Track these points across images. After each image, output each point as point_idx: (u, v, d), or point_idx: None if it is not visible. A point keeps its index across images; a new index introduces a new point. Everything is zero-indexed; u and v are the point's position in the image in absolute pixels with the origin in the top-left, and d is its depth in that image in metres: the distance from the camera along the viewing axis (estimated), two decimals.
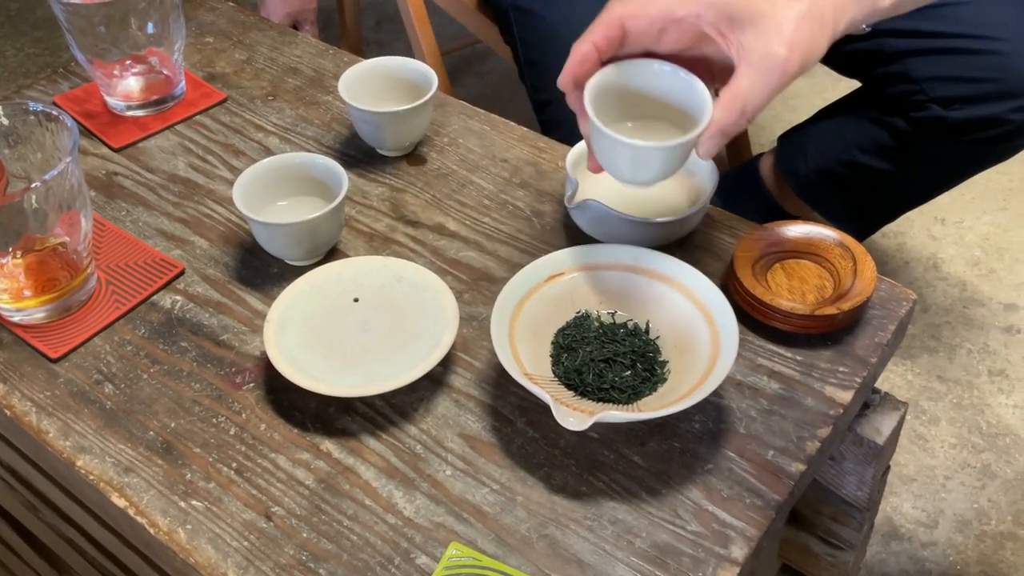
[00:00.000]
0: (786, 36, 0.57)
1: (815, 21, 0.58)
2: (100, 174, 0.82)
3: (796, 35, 0.57)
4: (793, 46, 0.57)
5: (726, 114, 0.58)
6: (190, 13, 1.00)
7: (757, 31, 0.57)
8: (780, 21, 0.57)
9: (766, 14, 0.57)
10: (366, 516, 0.58)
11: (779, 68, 0.57)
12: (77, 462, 0.61)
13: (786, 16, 0.57)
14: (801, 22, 0.57)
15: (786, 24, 0.57)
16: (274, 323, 0.64)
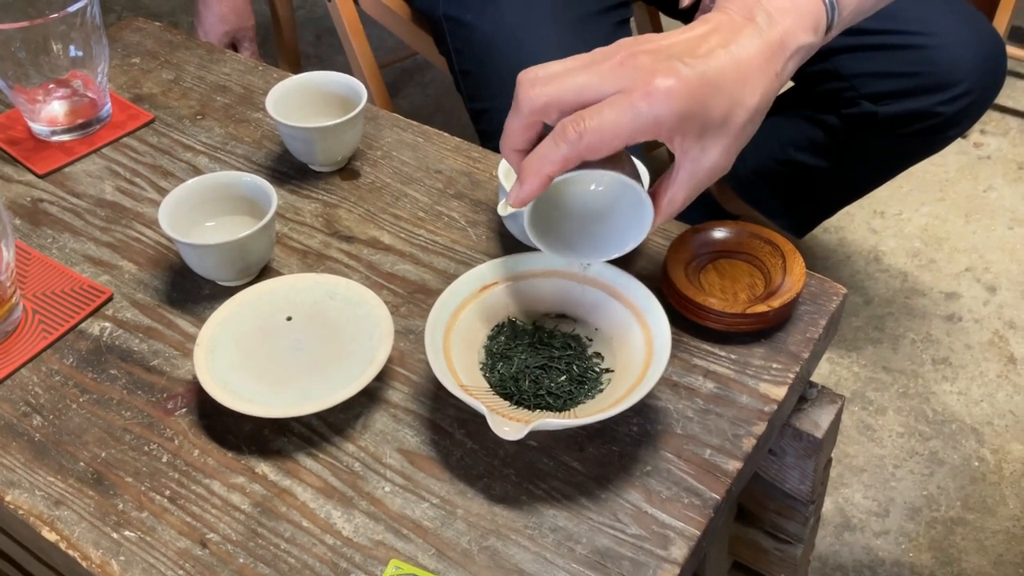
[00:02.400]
0: (728, 146, 0.55)
1: (759, 116, 0.56)
2: (25, 201, 0.80)
3: (738, 141, 0.55)
4: (732, 154, 0.56)
5: (665, 218, 0.58)
6: (115, 34, 0.99)
7: (703, 142, 0.55)
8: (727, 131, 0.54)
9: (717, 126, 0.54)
10: (303, 538, 0.57)
11: (716, 175, 0.57)
12: (6, 497, 0.60)
13: (735, 124, 0.54)
14: (745, 127, 0.55)
15: (732, 133, 0.55)
16: (204, 346, 0.63)
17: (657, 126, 0.53)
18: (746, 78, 0.54)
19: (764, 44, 0.54)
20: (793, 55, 0.55)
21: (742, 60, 0.54)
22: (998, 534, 1.19)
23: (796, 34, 0.55)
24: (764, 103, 0.55)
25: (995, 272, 1.52)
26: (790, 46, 0.55)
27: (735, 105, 0.54)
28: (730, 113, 0.54)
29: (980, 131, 1.77)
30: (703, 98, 0.53)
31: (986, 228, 1.59)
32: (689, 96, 0.52)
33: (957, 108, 1.04)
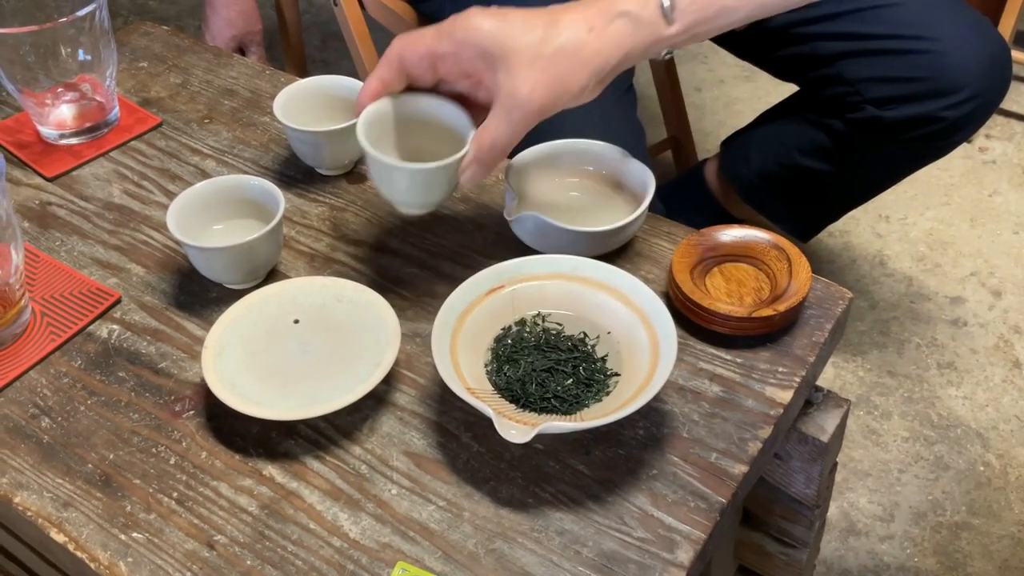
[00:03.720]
0: (530, 76, 0.60)
1: (569, 58, 0.60)
2: (34, 204, 0.81)
3: (541, 75, 0.60)
4: (536, 86, 0.60)
5: (477, 150, 0.63)
6: (123, 38, 0.99)
7: (507, 70, 0.60)
8: (528, 60, 0.60)
9: (516, 52, 0.60)
10: (311, 540, 0.57)
11: (520, 107, 0.61)
12: (15, 499, 0.60)
13: (536, 55, 0.60)
14: (551, 60, 0.60)
15: (534, 63, 0.60)
16: (212, 348, 0.63)
17: (455, 40, 0.61)
18: (555, 22, 0.60)
19: (584, 6, 0.61)
20: (617, 17, 0.61)
21: (558, 14, 0.61)
22: (1003, 539, 1.19)
23: (618, 2, 0.61)
24: (574, 48, 0.60)
25: (1000, 277, 1.51)
26: (611, 10, 0.61)
27: (536, 39, 0.60)
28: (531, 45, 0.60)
29: (985, 135, 1.77)
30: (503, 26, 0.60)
31: (991, 232, 1.59)
32: (489, 24, 0.60)
33: (962, 113, 1.05)
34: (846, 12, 1.06)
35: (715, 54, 1.98)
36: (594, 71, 0.61)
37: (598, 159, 0.77)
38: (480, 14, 0.61)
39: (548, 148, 0.76)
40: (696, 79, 1.94)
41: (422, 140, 0.67)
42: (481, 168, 0.64)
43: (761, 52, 1.17)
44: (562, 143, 0.77)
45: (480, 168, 0.64)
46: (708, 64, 1.98)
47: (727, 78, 1.94)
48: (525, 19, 0.61)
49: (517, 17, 0.61)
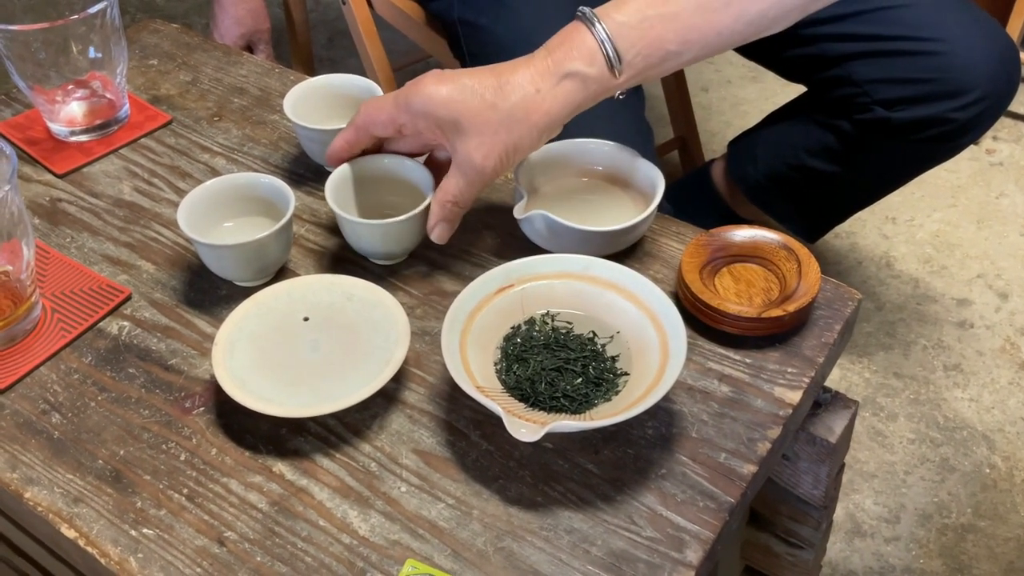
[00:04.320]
0: (483, 144, 0.65)
1: (519, 123, 0.65)
2: (44, 201, 0.81)
3: (494, 141, 0.65)
4: (489, 153, 0.65)
5: (439, 208, 0.68)
6: (133, 36, 1.00)
7: (461, 137, 0.65)
8: (480, 127, 0.65)
9: (468, 120, 0.65)
10: (320, 537, 0.57)
11: (476, 171, 0.66)
12: (25, 494, 0.60)
13: (487, 122, 0.65)
14: (500, 128, 0.65)
15: (485, 131, 0.65)
16: (222, 345, 0.64)
17: (411, 111, 0.66)
18: (503, 87, 0.64)
19: (531, 69, 0.65)
20: (565, 78, 0.64)
21: (504, 76, 0.65)
22: (1009, 541, 1.18)
23: (564, 62, 0.64)
24: (522, 112, 0.65)
25: (1007, 279, 1.51)
26: (558, 71, 0.64)
27: (485, 106, 0.64)
28: (480, 112, 0.64)
29: (993, 137, 1.77)
30: (453, 95, 0.64)
31: (998, 235, 1.59)
32: (441, 92, 0.65)
33: (970, 114, 1.04)
34: (855, 13, 1.06)
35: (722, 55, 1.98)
36: (543, 130, 0.66)
37: (607, 159, 0.77)
38: (434, 81, 0.65)
39: (557, 148, 0.77)
40: (703, 79, 1.94)
41: (389, 197, 0.74)
42: (448, 224, 0.69)
43: (769, 53, 1.17)
44: (571, 143, 0.77)
45: (447, 224, 0.69)
46: (715, 64, 1.98)
47: (734, 79, 1.94)
48: (475, 85, 0.65)
49: (468, 82, 0.65)
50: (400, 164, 0.73)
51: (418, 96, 0.65)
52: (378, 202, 0.74)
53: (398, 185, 0.74)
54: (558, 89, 0.64)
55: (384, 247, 0.71)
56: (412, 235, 0.71)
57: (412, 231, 0.71)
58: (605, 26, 0.64)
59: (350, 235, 0.72)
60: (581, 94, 0.65)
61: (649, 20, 0.64)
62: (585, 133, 0.78)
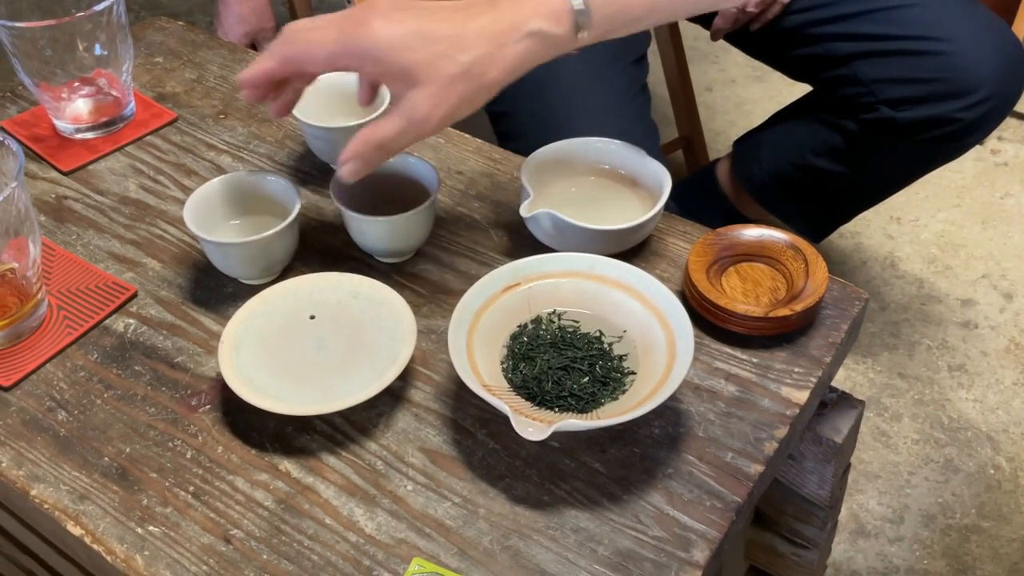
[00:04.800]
0: (433, 94, 0.59)
1: (474, 80, 0.60)
2: (50, 198, 0.81)
3: (444, 95, 0.60)
4: (436, 106, 0.60)
5: (361, 145, 0.62)
6: (139, 33, 0.99)
7: (408, 85, 0.60)
8: (434, 78, 0.59)
9: (419, 69, 0.59)
10: (326, 535, 0.57)
11: (417, 124, 0.60)
12: (31, 491, 0.60)
13: (441, 73, 0.59)
14: (455, 82, 0.59)
15: (439, 82, 0.59)
16: (229, 343, 0.64)
17: (356, 55, 0.60)
18: (462, 38, 0.59)
19: (495, 19, 0.59)
20: (528, 36, 0.60)
21: (464, 25, 0.59)
22: (1013, 542, 1.18)
23: (531, 18, 0.60)
24: (479, 69, 0.59)
25: (1012, 279, 1.51)
26: (522, 28, 0.60)
27: (442, 57, 0.59)
28: (435, 63, 0.59)
29: (998, 138, 1.77)
30: (406, 40, 0.59)
31: (1003, 235, 1.59)
32: (392, 37, 0.59)
33: (976, 114, 1.04)
34: (860, 13, 1.05)
35: (726, 54, 1.98)
36: (498, 87, 0.62)
37: (614, 158, 0.77)
38: (385, 18, 0.59)
39: (564, 146, 0.76)
40: (707, 79, 1.94)
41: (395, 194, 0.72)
42: (363, 164, 0.63)
43: (774, 52, 1.17)
44: (578, 141, 0.77)
45: (363, 164, 0.63)
46: (719, 64, 1.98)
47: (738, 78, 1.94)
48: (433, 30, 0.59)
49: (425, 27, 0.59)
50: (405, 162, 0.73)
51: (366, 39, 0.59)
52: (384, 200, 0.74)
53: (403, 182, 0.73)
54: (519, 46, 0.60)
55: (390, 244, 0.71)
56: (418, 231, 0.71)
57: (418, 227, 0.71)
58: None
59: (356, 232, 0.71)
60: (541, 54, 0.61)
61: None
62: (592, 132, 0.78)
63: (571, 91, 0.99)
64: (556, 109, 0.98)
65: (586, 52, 0.96)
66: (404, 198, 0.73)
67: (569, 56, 0.65)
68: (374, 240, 0.71)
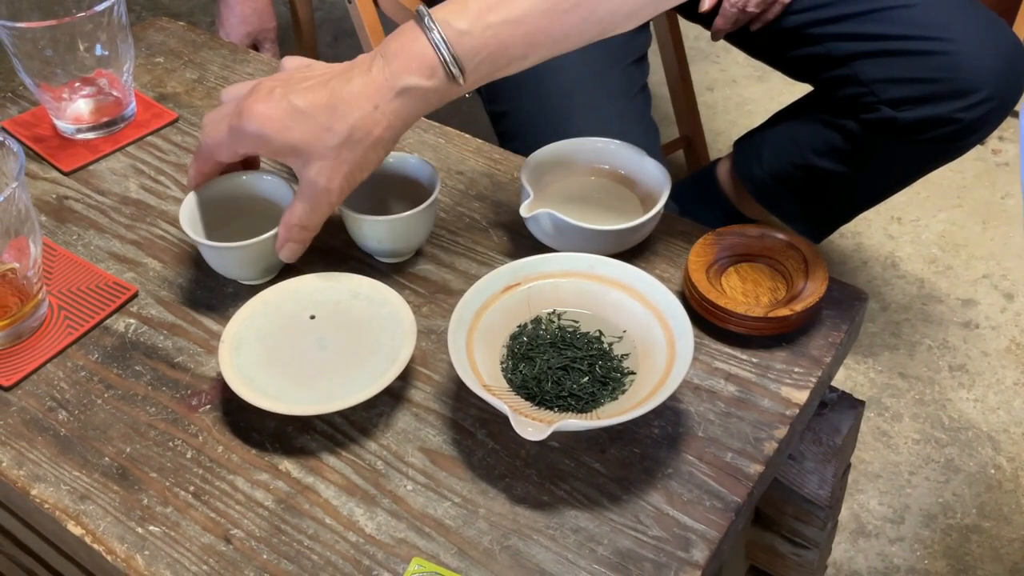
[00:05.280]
0: (325, 167, 0.63)
1: (360, 144, 0.63)
2: (51, 198, 0.81)
3: (337, 164, 0.63)
4: (332, 176, 0.64)
5: (285, 230, 0.67)
6: (140, 34, 1.00)
7: (302, 161, 0.63)
8: (320, 152, 0.63)
9: (306, 147, 0.62)
10: (327, 535, 0.57)
11: (320, 196, 0.65)
12: (32, 491, 0.60)
13: (326, 146, 0.62)
14: (341, 150, 0.63)
15: (327, 155, 0.63)
16: (229, 343, 0.64)
17: (248, 143, 0.64)
18: (336, 107, 0.62)
19: (368, 82, 0.62)
20: (401, 93, 0.61)
21: (338, 94, 0.62)
22: (1014, 542, 1.18)
23: (402, 75, 0.61)
24: (362, 133, 0.62)
25: (1012, 279, 1.51)
26: (395, 86, 0.61)
27: (323, 130, 0.62)
28: (316, 136, 0.62)
29: (998, 138, 1.77)
30: (284, 121, 0.62)
31: (1004, 235, 1.59)
32: (271, 121, 0.62)
33: (977, 115, 1.04)
34: (861, 12, 1.05)
35: (727, 54, 1.98)
36: (386, 145, 0.64)
37: (614, 158, 0.77)
38: (264, 101, 0.62)
39: (564, 146, 0.76)
40: (708, 79, 1.94)
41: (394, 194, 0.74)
42: (297, 245, 0.68)
43: (775, 52, 1.17)
44: (578, 141, 0.77)
45: (296, 245, 0.68)
46: (720, 64, 1.98)
47: (739, 78, 1.94)
48: (306, 107, 0.62)
49: (299, 103, 0.62)
50: (405, 162, 0.73)
51: (250, 121, 0.63)
52: (384, 200, 0.74)
53: (403, 182, 0.73)
54: (396, 103, 0.62)
55: (390, 244, 0.71)
56: (418, 231, 0.71)
57: (418, 227, 0.71)
58: (444, 34, 0.60)
59: (356, 232, 0.72)
60: (421, 106, 0.63)
61: (493, 28, 0.59)
62: (592, 132, 0.78)
63: (571, 91, 0.99)
64: (556, 109, 0.98)
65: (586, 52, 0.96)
66: (404, 198, 0.73)
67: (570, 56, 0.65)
68: (374, 240, 0.71)
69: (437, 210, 0.78)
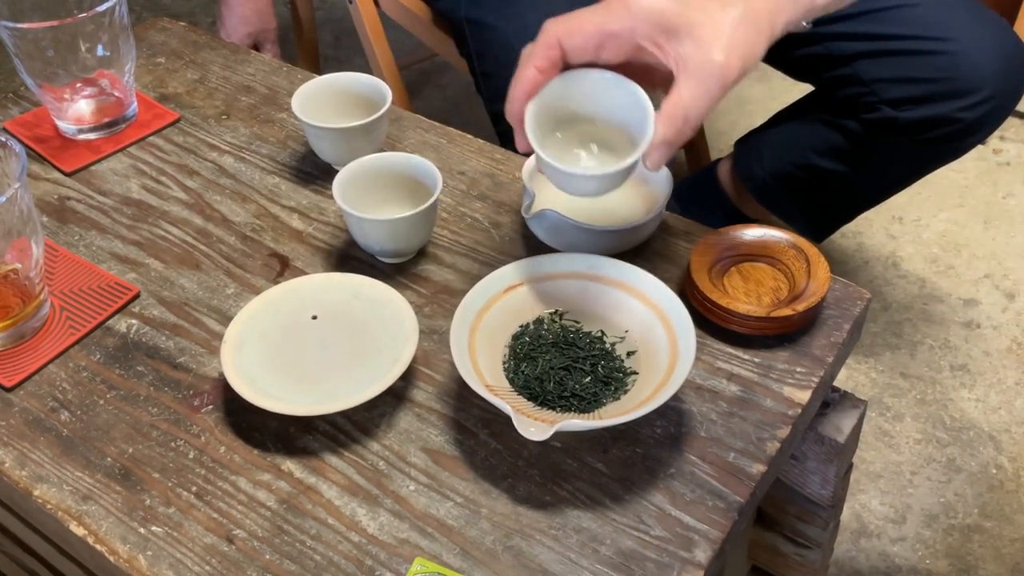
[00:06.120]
0: (723, 42, 0.57)
1: (751, 24, 0.58)
2: (52, 199, 0.81)
3: (733, 40, 0.57)
4: (731, 52, 0.57)
5: (669, 127, 0.58)
6: (141, 34, 1.00)
7: (694, 40, 0.57)
8: (716, 28, 0.57)
9: (701, 22, 0.57)
10: (329, 535, 0.57)
11: (718, 75, 0.57)
12: (34, 491, 0.60)
13: (722, 22, 0.57)
14: (737, 27, 0.57)
15: (722, 30, 0.57)
16: (231, 343, 0.64)
17: (632, 16, 0.57)
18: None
19: None
20: None
21: None
22: (1015, 542, 1.18)
23: None
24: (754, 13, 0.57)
25: (1014, 279, 1.51)
26: None
27: (721, 8, 0.57)
28: (712, 11, 0.57)
29: (1000, 137, 1.76)
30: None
31: (1005, 235, 1.58)
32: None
33: (978, 114, 1.04)
34: (862, 12, 1.05)
35: None
36: (768, 38, 0.59)
37: None
38: None
39: None
40: None
41: (397, 194, 0.71)
42: (670, 148, 0.59)
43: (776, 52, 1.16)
44: None
45: (669, 150, 0.59)
46: None
47: None
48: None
49: None
50: (407, 162, 0.73)
51: (637, 5, 0.57)
52: (385, 200, 0.74)
53: (404, 183, 0.73)
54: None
55: (392, 244, 0.71)
56: (420, 231, 0.71)
57: (420, 227, 0.71)
58: None
59: (358, 232, 0.72)
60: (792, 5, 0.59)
61: None
62: None
63: None
64: None
65: None
66: (406, 198, 0.73)
67: None
68: (376, 240, 0.71)
69: (439, 210, 0.78)
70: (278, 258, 0.75)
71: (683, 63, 0.57)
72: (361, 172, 0.73)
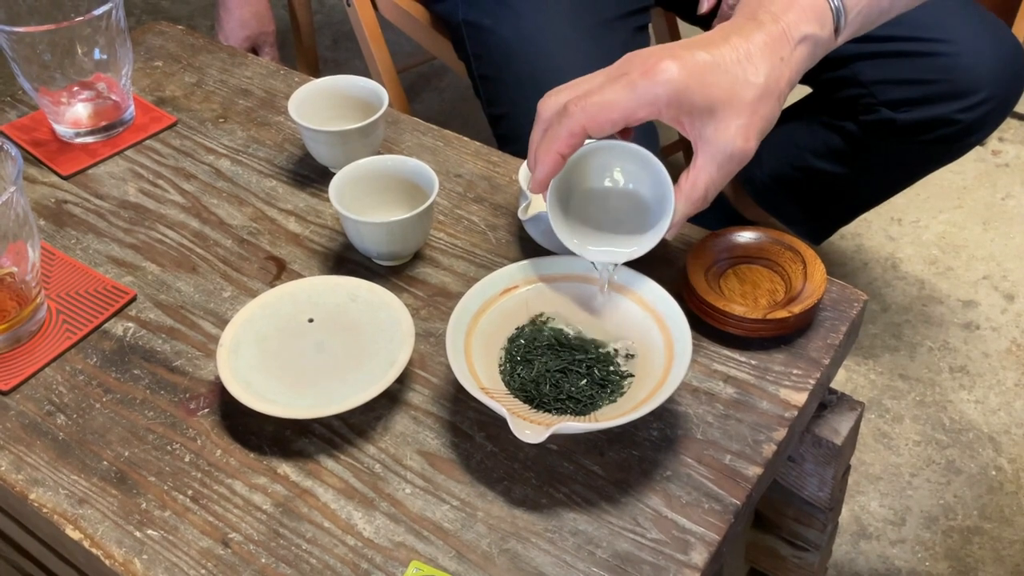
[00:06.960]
0: (743, 123, 0.58)
1: (772, 98, 0.58)
2: (49, 202, 0.81)
3: (753, 120, 0.58)
4: (750, 134, 0.58)
5: (689, 206, 0.60)
6: (138, 37, 1.00)
7: (716, 122, 0.58)
8: (738, 109, 0.57)
9: (723, 102, 0.57)
10: (325, 539, 0.57)
11: (739, 159, 0.59)
12: (30, 495, 0.60)
13: (743, 99, 0.57)
14: (758, 105, 0.58)
15: (743, 110, 0.57)
16: (227, 347, 0.64)
17: (656, 102, 0.57)
18: (748, 59, 0.57)
19: (766, 35, 0.58)
20: (800, 43, 0.59)
21: (743, 47, 0.58)
22: (1015, 544, 1.18)
23: (799, 25, 0.59)
24: (774, 84, 0.58)
25: (1013, 280, 1.51)
26: (794, 36, 0.59)
27: (738, 83, 0.57)
28: (734, 91, 0.57)
29: (998, 139, 1.76)
30: (701, 75, 0.56)
31: (1004, 236, 1.58)
32: (687, 74, 0.56)
33: (976, 116, 1.04)
34: None
35: None
36: (784, 100, 0.60)
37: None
38: (666, 59, 0.56)
39: None
40: None
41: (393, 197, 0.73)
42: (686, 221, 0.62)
43: None
44: None
45: (686, 221, 0.61)
46: None
47: None
48: (718, 58, 0.57)
49: (709, 55, 0.57)
50: (404, 165, 0.73)
51: (661, 84, 0.56)
52: (382, 202, 0.74)
53: (401, 185, 0.73)
54: (797, 52, 0.59)
55: (388, 246, 0.71)
56: (416, 234, 0.71)
57: (416, 230, 0.71)
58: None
59: (354, 235, 0.72)
60: (809, 60, 0.60)
61: None
62: None
63: None
64: None
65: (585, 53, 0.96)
66: (403, 201, 0.73)
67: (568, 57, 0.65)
68: (372, 243, 0.71)
69: (435, 213, 0.78)
70: (275, 261, 0.75)
71: (704, 143, 0.58)
72: (358, 175, 0.73)
